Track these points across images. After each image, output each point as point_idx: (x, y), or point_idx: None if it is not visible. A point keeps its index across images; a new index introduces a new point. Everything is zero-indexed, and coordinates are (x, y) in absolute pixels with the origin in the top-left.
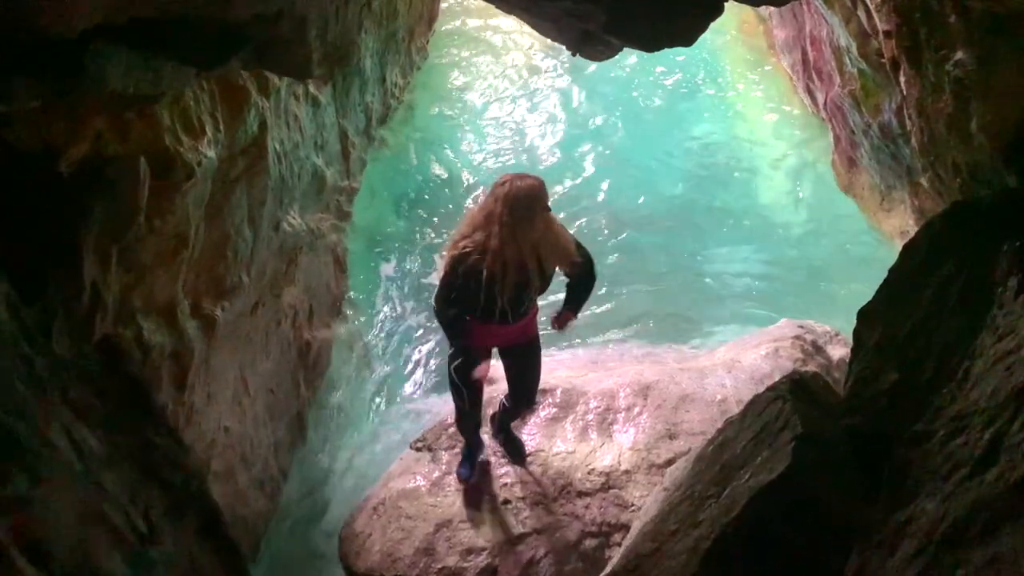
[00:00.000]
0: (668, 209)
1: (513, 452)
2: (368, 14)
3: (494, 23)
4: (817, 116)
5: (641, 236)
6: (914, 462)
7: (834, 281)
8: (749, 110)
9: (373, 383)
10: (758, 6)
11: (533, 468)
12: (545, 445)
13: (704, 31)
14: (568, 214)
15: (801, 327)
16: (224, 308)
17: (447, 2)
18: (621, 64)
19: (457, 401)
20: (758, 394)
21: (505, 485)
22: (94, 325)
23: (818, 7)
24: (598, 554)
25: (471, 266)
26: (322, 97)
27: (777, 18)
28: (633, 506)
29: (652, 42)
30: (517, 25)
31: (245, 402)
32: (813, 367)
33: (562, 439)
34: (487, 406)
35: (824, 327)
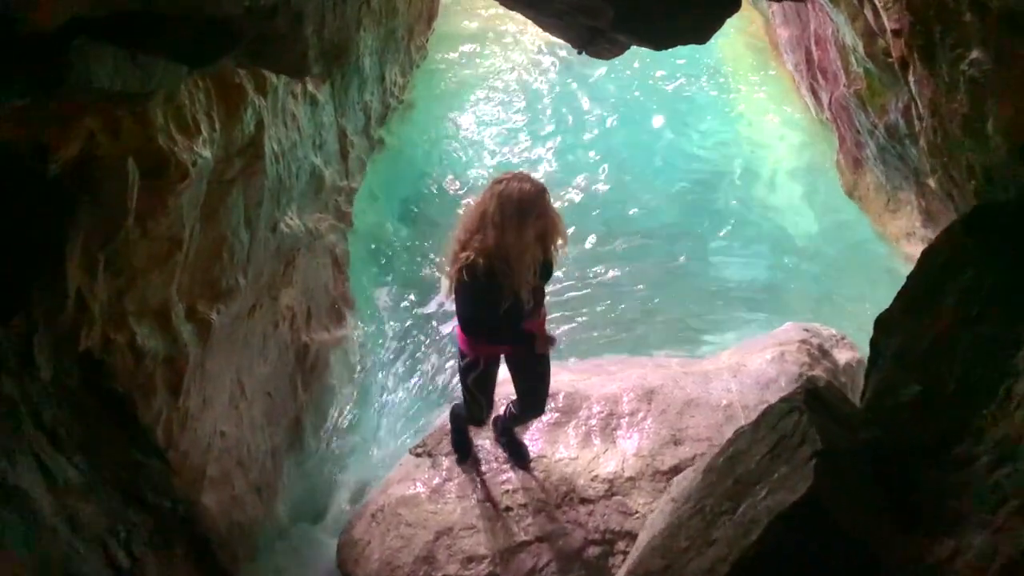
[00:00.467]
0: (670, 212)
1: (517, 456)
2: (367, 12)
3: (495, 24)
4: (820, 117)
5: (643, 239)
6: (954, 489)
7: (838, 284)
8: (751, 112)
9: (372, 386)
10: None
11: (535, 474)
12: (548, 451)
13: (720, 27)
14: (569, 218)
15: (807, 331)
16: (220, 311)
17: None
18: (623, 66)
19: (474, 410)
20: (771, 404)
21: (507, 491)
22: (79, 335)
23: (823, 5)
24: (601, 562)
25: (482, 271)
26: (320, 96)
27: (780, 16)
28: (637, 513)
29: (663, 39)
30: (518, 26)
31: (242, 406)
32: (819, 371)
33: (565, 444)
34: (498, 406)
35: (830, 330)
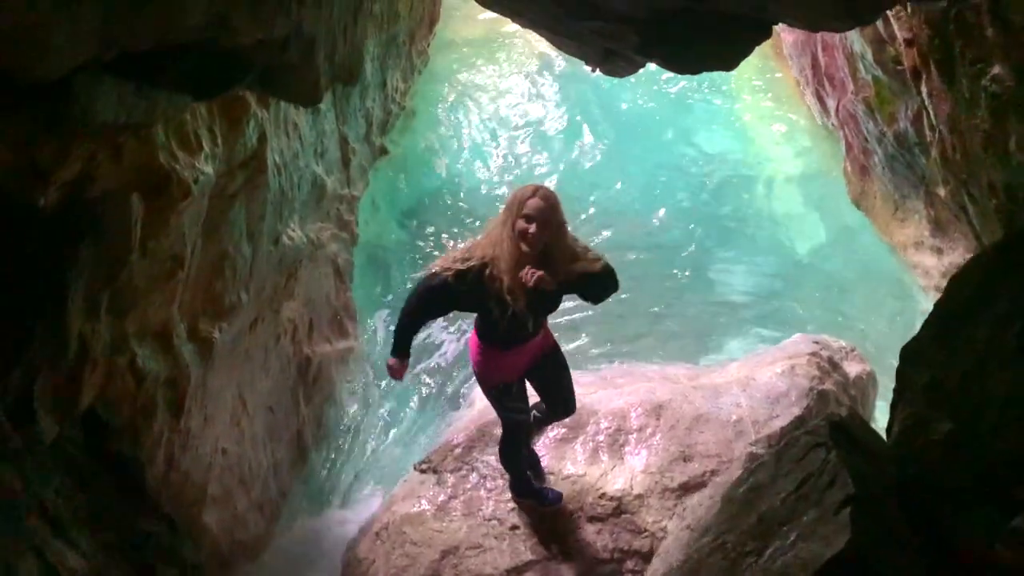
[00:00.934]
0: (674, 221)
1: (532, 471)
2: (369, 18)
3: (498, 28)
4: (825, 125)
5: (647, 249)
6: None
7: (843, 294)
8: (756, 119)
9: (376, 400)
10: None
11: None
12: (555, 467)
13: (748, 55)
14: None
15: (816, 343)
16: (222, 329)
17: (448, 5)
18: None
19: (519, 418)
20: (793, 435)
21: (513, 510)
22: (81, 383)
23: None
24: None
25: (473, 275)
26: (322, 104)
27: None
28: (646, 532)
29: (690, 65)
30: (522, 33)
31: (244, 422)
32: (829, 384)
33: (572, 461)
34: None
35: (839, 342)
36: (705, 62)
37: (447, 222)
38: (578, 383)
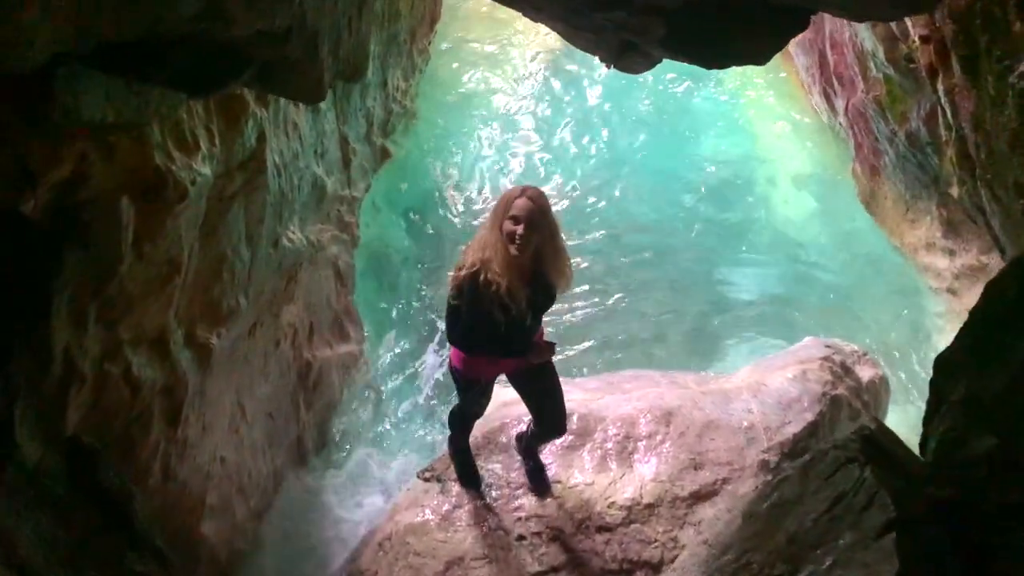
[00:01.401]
0: (678, 224)
1: (537, 481)
2: (372, 16)
3: (501, 29)
4: (830, 124)
5: (651, 252)
6: None
7: (850, 296)
8: (761, 119)
9: (377, 405)
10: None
11: (550, 501)
12: (562, 476)
13: (782, 48)
14: (577, 229)
15: (828, 347)
16: (220, 335)
17: (449, 5)
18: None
19: (473, 407)
20: (820, 449)
21: (520, 519)
22: (67, 403)
23: None
24: None
25: (481, 282)
26: (322, 103)
27: None
28: (656, 542)
29: (717, 59)
30: (523, 33)
31: (243, 429)
32: (842, 390)
33: (580, 469)
34: (510, 427)
35: (851, 346)
36: (736, 56)
37: (449, 225)
38: (584, 388)
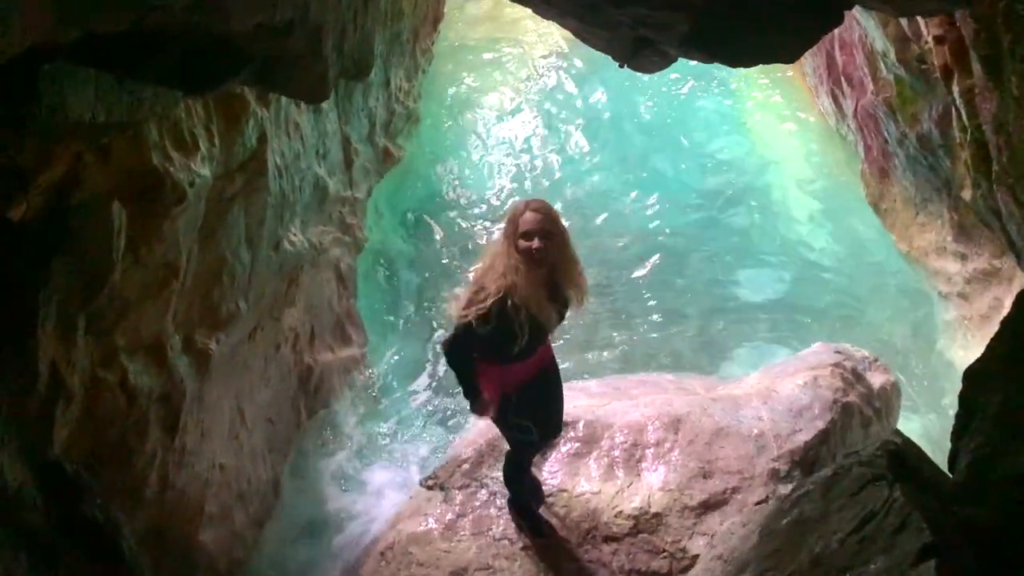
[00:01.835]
0: (684, 228)
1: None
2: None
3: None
4: (837, 125)
5: (657, 256)
6: None
7: (858, 301)
8: (766, 120)
9: (379, 410)
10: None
11: (556, 510)
12: (568, 484)
13: (814, 44)
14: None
15: (839, 353)
16: (219, 340)
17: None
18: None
19: (525, 438)
20: (843, 464)
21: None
22: (53, 421)
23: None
24: None
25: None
26: (324, 103)
27: None
28: (664, 552)
29: (742, 56)
30: (527, 35)
31: (242, 435)
32: (853, 396)
33: (586, 477)
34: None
35: (861, 352)
36: (764, 53)
37: (452, 228)
38: (590, 393)
